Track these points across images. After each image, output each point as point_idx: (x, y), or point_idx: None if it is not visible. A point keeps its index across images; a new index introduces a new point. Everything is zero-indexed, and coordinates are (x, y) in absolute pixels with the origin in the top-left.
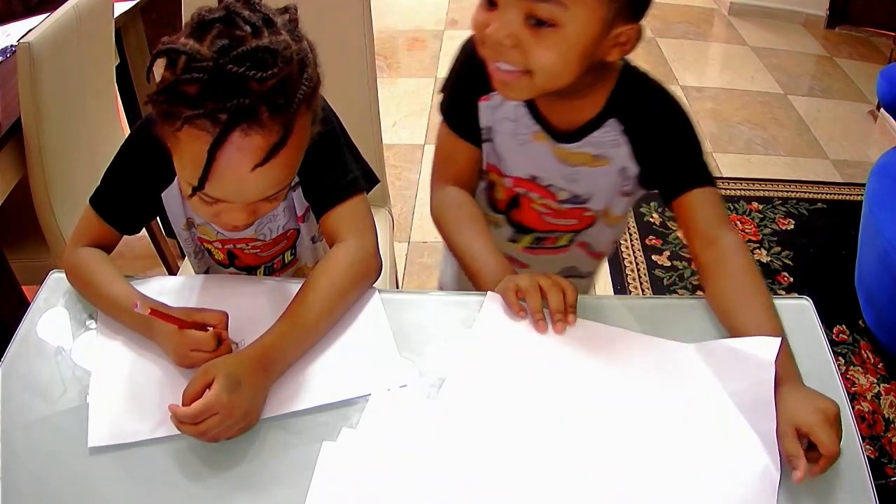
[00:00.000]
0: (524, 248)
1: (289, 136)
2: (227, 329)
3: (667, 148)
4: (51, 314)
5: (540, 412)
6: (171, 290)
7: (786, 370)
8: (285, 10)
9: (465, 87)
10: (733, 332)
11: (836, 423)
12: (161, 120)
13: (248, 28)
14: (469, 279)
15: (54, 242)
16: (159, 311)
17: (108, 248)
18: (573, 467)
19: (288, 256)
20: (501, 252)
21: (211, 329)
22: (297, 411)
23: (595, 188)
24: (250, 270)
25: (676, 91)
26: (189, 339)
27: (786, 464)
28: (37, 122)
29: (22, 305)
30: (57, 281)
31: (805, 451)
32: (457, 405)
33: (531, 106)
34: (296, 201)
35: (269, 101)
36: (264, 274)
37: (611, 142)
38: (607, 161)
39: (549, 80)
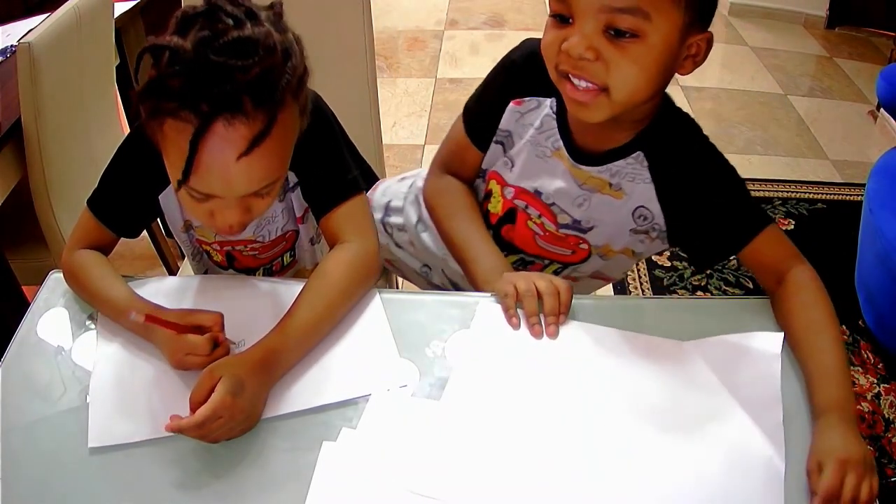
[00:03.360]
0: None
1: (273, 126)
2: (223, 330)
3: (703, 211)
4: (50, 314)
5: (541, 413)
6: (170, 290)
7: (838, 401)
8: (271, 6)
9: (497, 89)
10: (801, 363)
11: (856, 470)
12: (149, 118)
13: (230, 21)
14: (460, 266)
15: (54, 242)
16: (156, 317)
17: (105, 250)
18: (576, 466)
19: (287, 258)
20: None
21: (208, 333)
22: (297, 411)
23: (601, 219)
24: (249, 272)
25: (676, 92)
26: (184, 343)
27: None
28: (37, 122)
29: (22, 305)
30: (57, 281)
31: None
32: (458, 406)
33: (561, 121)
34: (294, 202)
35: (252, 91)
36: (263, 275)
37: (631, 174)
38: (622, 194)
39: (628, 96)
